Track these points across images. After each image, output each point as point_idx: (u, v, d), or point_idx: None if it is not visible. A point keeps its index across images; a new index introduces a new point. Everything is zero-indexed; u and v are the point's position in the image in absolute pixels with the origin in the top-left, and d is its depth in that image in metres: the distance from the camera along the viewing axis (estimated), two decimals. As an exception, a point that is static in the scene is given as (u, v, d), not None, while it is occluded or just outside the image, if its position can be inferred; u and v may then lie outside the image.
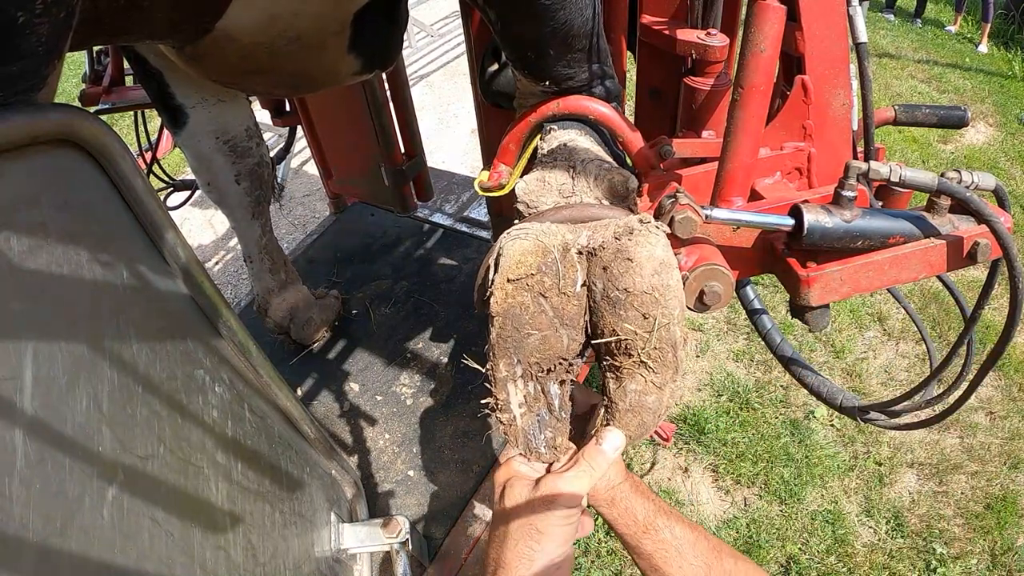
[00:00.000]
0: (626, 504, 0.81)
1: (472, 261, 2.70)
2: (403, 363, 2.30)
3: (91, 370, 0.64)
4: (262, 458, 1.11)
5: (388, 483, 1.94)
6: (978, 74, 6.38)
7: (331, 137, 2.73)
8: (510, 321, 0.77)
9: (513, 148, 1.17)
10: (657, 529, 0.78)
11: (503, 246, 0.80)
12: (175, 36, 1.11)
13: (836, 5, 1.03)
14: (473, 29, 1.61)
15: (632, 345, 0.75)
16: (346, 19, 1.23)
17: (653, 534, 0.78)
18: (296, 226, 4.12)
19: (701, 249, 0.92)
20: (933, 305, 3.35)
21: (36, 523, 0.52)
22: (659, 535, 0.78)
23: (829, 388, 1.22)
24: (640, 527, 0.79)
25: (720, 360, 3.03)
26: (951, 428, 2.76)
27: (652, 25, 1.38)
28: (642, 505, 0.81)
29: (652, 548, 0.78)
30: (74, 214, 0.67)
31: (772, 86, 0.87)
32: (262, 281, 2.18)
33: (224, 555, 0.88)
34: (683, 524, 0.80)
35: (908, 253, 0.91)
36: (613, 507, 0.82)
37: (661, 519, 0.79)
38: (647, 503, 0.82)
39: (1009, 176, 4.61)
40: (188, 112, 1.64)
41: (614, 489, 0.83)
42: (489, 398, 0.80)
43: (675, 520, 0.80)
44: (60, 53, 0.62)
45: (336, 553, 1.45)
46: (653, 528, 0.79)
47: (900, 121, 1.27)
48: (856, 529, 2.40)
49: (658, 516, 0.80)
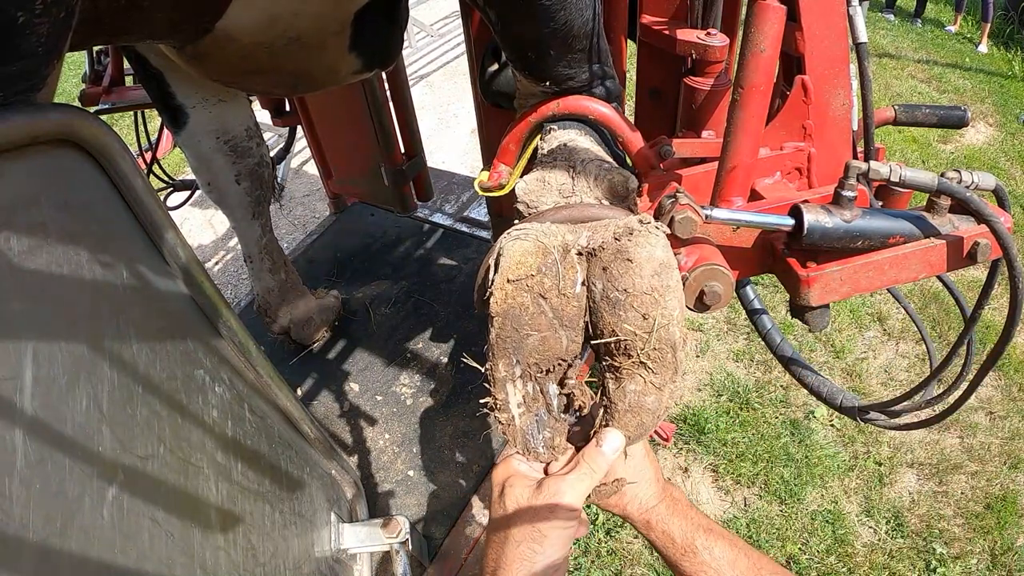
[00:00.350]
0: (663, 527, 0.82)
1: (472, 261, 2.70)
2: (403, 363, 2.30)
3: (91, 370, 0.64)
4: (262, 458, 1.11)
5: (388, 483, 1.94)
6: (978, 74, 6.38)
7: (331, 137, 2.73)
8: (510, 322, 0.77)
9: (513, 148, 1.17)
10: (695, 551, 0.78)
11: (503, 246, 0.80)
12: (175, 36, 1.11)
13: (836, 5, 1.03)
14: (473, 29, 1.61)
15: (631, 346, 0.75)
16: (346, 19, 1.23)
17: (692, 556, 0.78)
18: (296, 226, 4.12)
19: (701, 249, 0.92)
20: (933, 305, 3.35)
21: (36, 523, 0.52)
22: (698, 556, 0.78)
23: (829, 388, 1.22)
24: (678, 549, 0.79)
25: (720, 360, 3.03)
26: (951, 428, 2.76)
27: (652, 25, 1.38)
28: (679, 526, 0.81)
29: (692, 570, 0.78)
30: (74, 214, 0.67)
31: (772, 86, 0.87)
32: (262, 281, 2.18)
33: (224, 555, 0.88)
34: (723, 541, 0.80)
35: (908, 253, 0.91)
36: (650, 530, 0.83)
37: (700, 539, 0.79)
38: (684, 523, 0.81)
39: (1009, 176, 4.61)
40: (188, 112, 1.64)
41: (649, 512, 0.84)
42: (488, 398, 0.80)
43: (715, 538, 0.80)
44: (60, 53, 0.62)
45: (336, 553, 1.45)
46: (691, 550, 0.79)
47: (900, 121, 1.27)
48: (856, 529, 2.40)
49: (696, 536, 0.80)
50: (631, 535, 2.29)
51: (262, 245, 2.09)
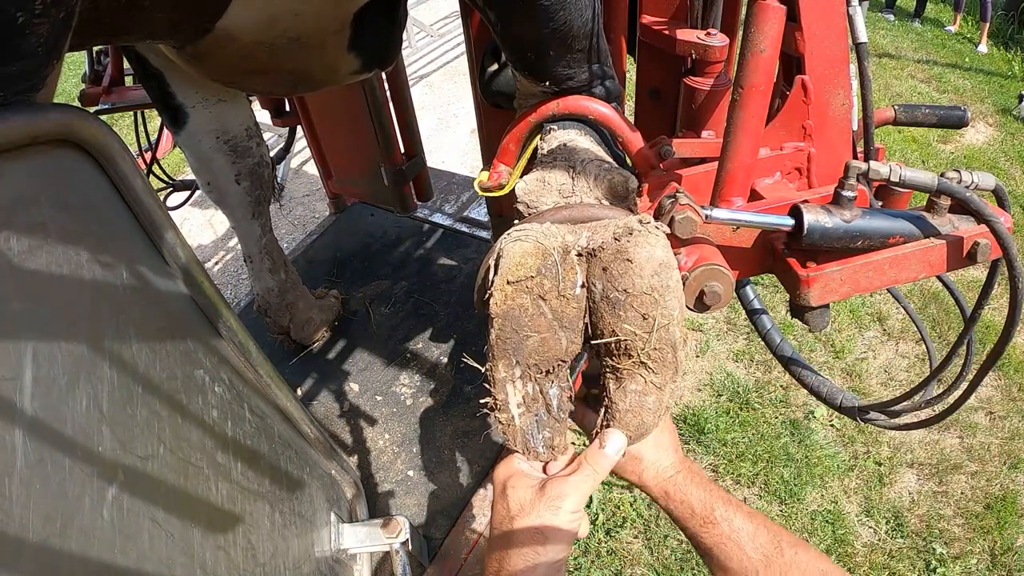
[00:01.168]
0: (681, 496, 0.80)
1: (472, 261, 2.70)
2: (403, 363, 2.30)
3: (91, 370, 0.64)
4: (262, 458, 1.11)
5: (388, 483, 1.94)
6: (978, 74, 6.38)
7: (331, 137, 2.73)
8: (509, 323, 0.77)
9: (513, 148, 1.17)
10: (715, 522, 0.77)
11: (503, 247, 0.80)
12: (175, 36, 1.11)
13: (836, 5, 1.03)
14: (473, 29, 1.61)
15: (632, 346, 0.75)
16: (346, 19, 1.23)
17: (711, 527, 0.77)
18: (296, 226, 4.12)
19: (701, 249, 0.92)
20: (933, 305, 3.35)
21: (36, 523, 0.52)
22: (717, 528, 0.76)
23: (829, 388, 1.22)
24: (698, 520, 0.78)
25: (720, 360, 3.03)
26: (951, 428, 2.76)
27: (652, 25, 1.38)
28: (698, 496, 0.79)
29: (711, 542, 0.76)
30: (74, 214, 0.67)
31: (772, 86, 0.87)
32: (262, 281, 2.18)
33: (224, 555, 0.88)
34: (742, 513, 0.78)
35: (908, 253, 0.91)
36: (669, 499, 0.81)
37: (720, 509, 0.78)
38: (703, 493, 0.80)
39: (1009, 176, 4.61)
40: (188, 112, 1.64)
41: (667, 481, 0.82)
42: (488, 398, 0.80)
43: (734, 509, 0.78)
44: (60, 53, 0.62)
45: (336, 553, 1.45)
46: (711, 521, 0.77)
47: (900, 121, 1.27)
48: (856, 529, 2.40)
49: (716, 506, 0.78)
50: (631, 535, 2.29)
51: (262, 245, 2.09)
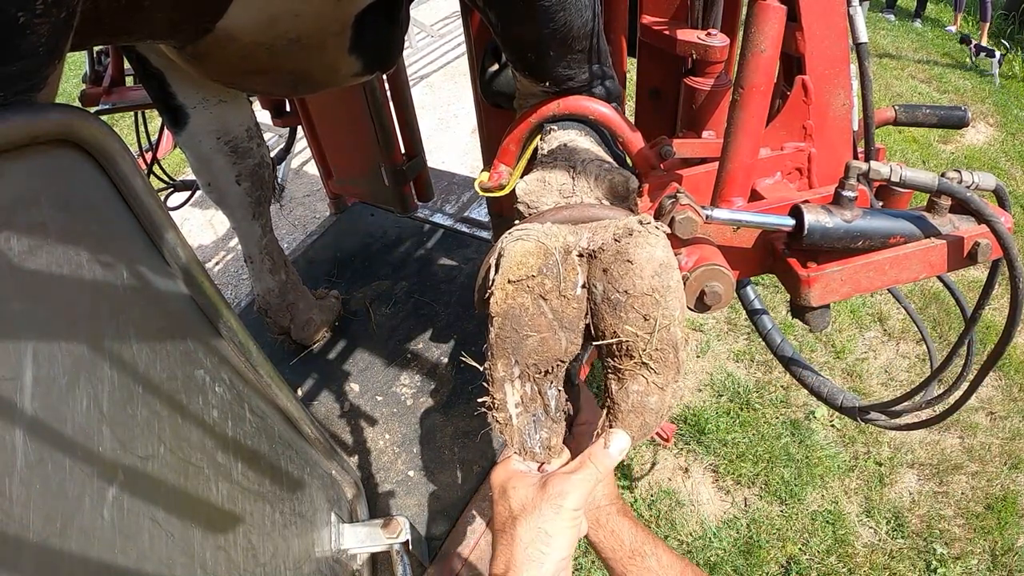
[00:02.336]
0: (612, 526, 0.80)
1: (472, 261, 2.70)
2: (403, 363, 2.30)
3: (91, 370, 0.64)
4: (262, 458, 1.11)
5: (388, 483, 1.94)
6: (978, 74, 6.38)
7: (331, 137, 2.73)
8: (509, 322, 0.77)
9: (513, 148, 1.17)
10: (643, 555, 0.77)
11: (504, 247, 0.80)
12: (176, 36, 1.11)
13: (836, 5, 1.03)
14: (473, 29, 1.61)
15: (633, 346, 0.75)
16: (347, 20, 1.23)
17: (639, 560, 0.77)
18: (296, 226, 4.12)
19: (701, 249, 0.92)
20: (933, 305, 3.35)
21: (36, 523, 0.52)
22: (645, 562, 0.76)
23: (829, 388, 1.22)
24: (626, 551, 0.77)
25: (720, 360, 3.03)
26: (951, 428, 2.76)
27: (652, 25, 1.38)
28: (629, 529, 0.79)
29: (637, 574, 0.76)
30: (74, 214, 0.67)
31: (772, 86, 0.87)
32: (262, 281, 2.18)
33: (224, 555, 0.88)
34: (669, 553, 0.79)
35: (908, 253, 0.91)
36: (599, 528, 0.80)
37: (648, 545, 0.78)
38: (634, 527, 0.80)
39: (1009, 176, 4.61)
40: (189, 112, 1.64)
41: (600, 510, 0.82)
42: (486, 397, 0.80)
43: (663, 548, 0.79)
44: (61, 53, 0.62)
45: (336, 553, 1.45)
46: (639, 554, 0.77)
47: (900, 121, 1.27)
48: (856, 529, 2.40)
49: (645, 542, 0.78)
50: (631, 535, 2.29)
51: (262, 245, 2.09)
